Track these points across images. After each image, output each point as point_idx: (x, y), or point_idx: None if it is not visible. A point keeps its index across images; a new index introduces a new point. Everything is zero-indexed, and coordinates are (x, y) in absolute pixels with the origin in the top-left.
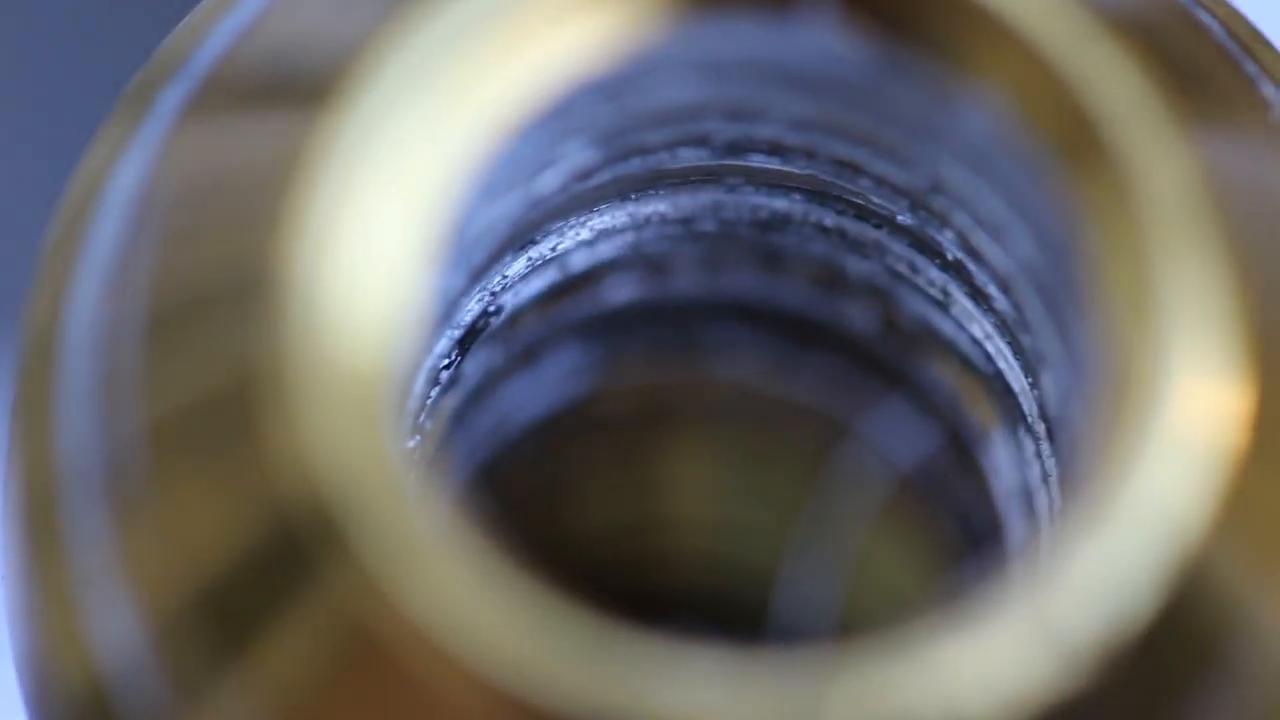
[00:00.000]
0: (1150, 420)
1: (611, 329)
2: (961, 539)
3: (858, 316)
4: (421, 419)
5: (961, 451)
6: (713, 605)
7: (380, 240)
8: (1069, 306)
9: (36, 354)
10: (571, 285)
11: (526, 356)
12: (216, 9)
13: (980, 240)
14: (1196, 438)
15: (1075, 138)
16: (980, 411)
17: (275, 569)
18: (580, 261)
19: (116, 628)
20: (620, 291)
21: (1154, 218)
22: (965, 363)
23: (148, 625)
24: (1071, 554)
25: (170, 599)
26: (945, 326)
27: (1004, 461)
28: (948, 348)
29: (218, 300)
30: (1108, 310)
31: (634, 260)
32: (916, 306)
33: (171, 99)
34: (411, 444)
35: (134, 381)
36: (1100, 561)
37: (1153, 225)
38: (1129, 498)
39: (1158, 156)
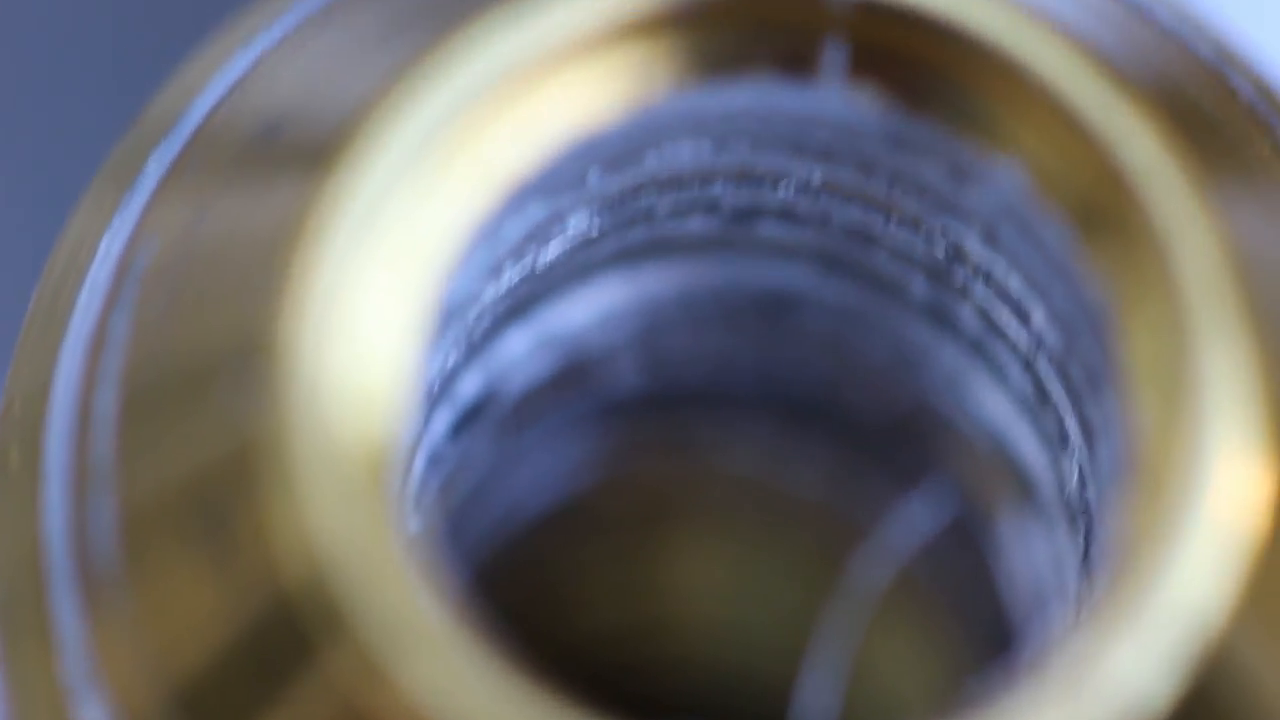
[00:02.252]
0: (1183, 505)
1: (613, 414)
2: (977, 631)
3: (867, 398)
4: (420, 502)
5: (975, 541)
6: (718, 705)
7: (381, 312)
8: (1096, 384)
9: (15, 433)
10: (572, 357)
11: (525, 442)
12: (204, 69)
13: (1001, 315)
14: (1229, 523)
15: (1105, 208)
16: (995, 499)
17: (273, 649)
18: (581, 333)
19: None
20: (622, 368)
21: (1186, 292)
22: (981, 447)
23: (140, 714)
24: (1099, 642)
25: (164, 680)
26: (960, 408)
27: (1020, 549)
28: (962, 431)
29: (212, 374)
30: (1137, 389)
31: (637, 333)
32: (930, 387)
33: (159, 163)
34: (411, 527)
35: (119, 458)
36: (1128, 650)
37: (1185, 300)
38: (1159, 584)
39: (1189, 228)
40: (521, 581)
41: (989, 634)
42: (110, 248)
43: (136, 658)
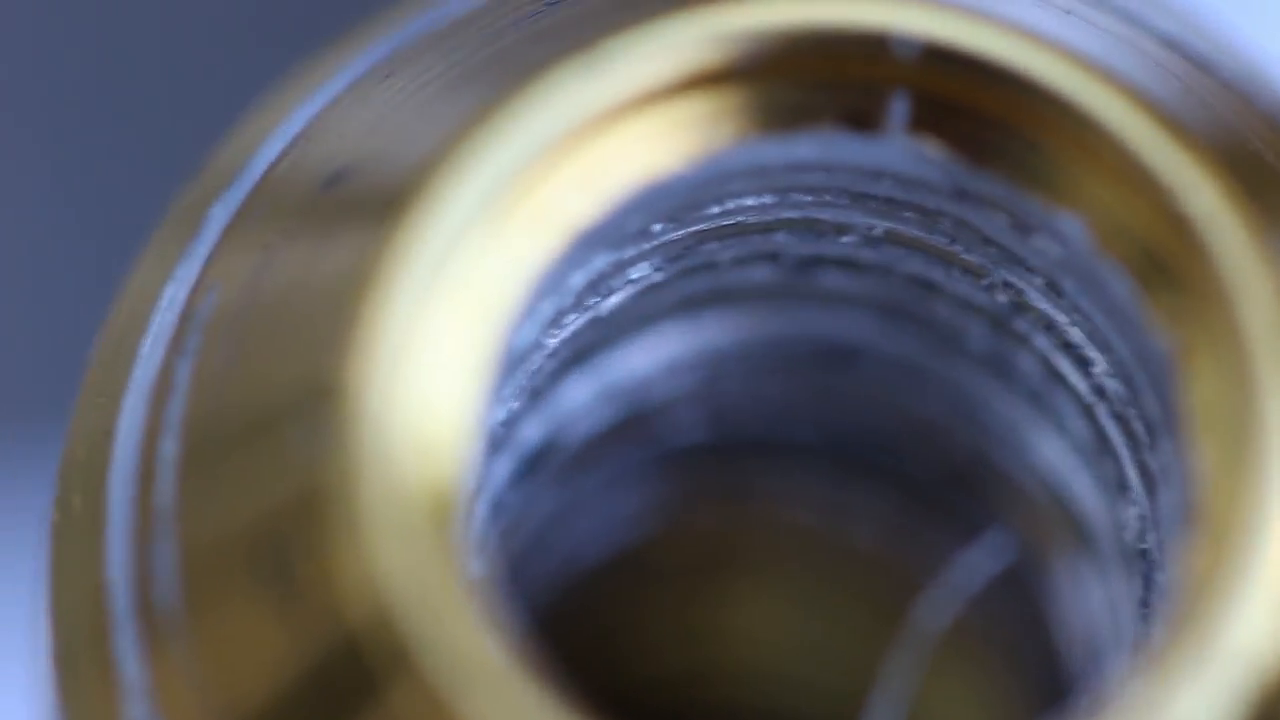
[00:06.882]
0: (1245, 552)
1: (673, 462)
2: (1033, 679)
3: (925, 448)
4: (483, 547)
5: (1031, 588)
6: None
7: (448, 360)
8: (1157, 432)
9: (78, 478)
10: (633, 407)
11: (586, 489)
12: (266, 121)
13: (1062, 365)
14: None
15: (1168, 259)
16: (1052, 546)
17: (338, 688)
18: (642, 382)
19: None
20: (683, 417)
21: (1248, 341)
22: (1039, 496)
23: None
24: (1158, 688)
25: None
26: (1018, 457)
27: (1078, 599)
28: (1020, 480)
29: (277, 419)
30: (1200, 437)
31: (698, 383)
32: (990, 436)
33: (222, 213)
34: (474, 571)
35: (182, 503)
36: (1186, 701)
37: (1247, 348)
38: (1220, 636)
39: (1252, 278)
40: (581, 625)
41: (1045, 681)
42: (174, 297)
43: (199, 700)
